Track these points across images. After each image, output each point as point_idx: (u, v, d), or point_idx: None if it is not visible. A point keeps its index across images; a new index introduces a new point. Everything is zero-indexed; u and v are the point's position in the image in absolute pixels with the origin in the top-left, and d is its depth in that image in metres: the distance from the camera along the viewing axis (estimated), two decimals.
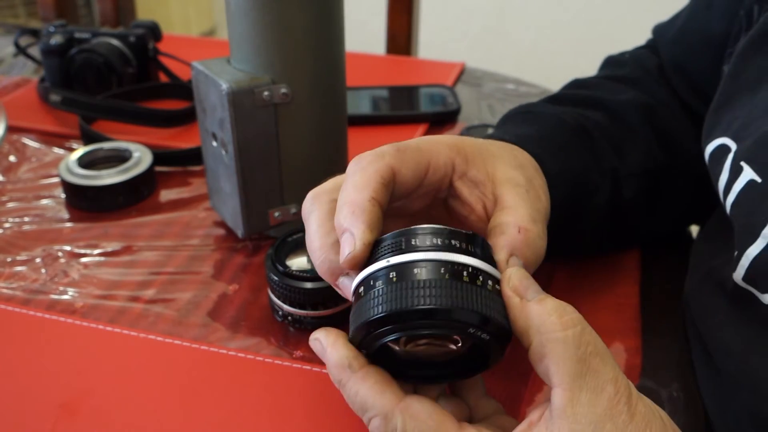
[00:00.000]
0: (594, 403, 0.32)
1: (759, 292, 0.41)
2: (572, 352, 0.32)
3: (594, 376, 0.32)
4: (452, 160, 0.41)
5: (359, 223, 0.36)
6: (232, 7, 0.55)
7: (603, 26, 2.36)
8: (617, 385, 0.32)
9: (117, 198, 0.68)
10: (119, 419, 0.45)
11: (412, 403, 0.34)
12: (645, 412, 0.32)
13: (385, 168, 0.38)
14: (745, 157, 0.43)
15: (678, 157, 0.56)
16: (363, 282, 0.35)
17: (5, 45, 1.08)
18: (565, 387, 0.32)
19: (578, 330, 0.32)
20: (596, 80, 0.62)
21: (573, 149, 0.51)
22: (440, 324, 0.33)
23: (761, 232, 0.40)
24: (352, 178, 0.38)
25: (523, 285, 0.34)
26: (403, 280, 0.33)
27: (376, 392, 0.34)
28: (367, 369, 0.35)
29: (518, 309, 0.33)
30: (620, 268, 0.59)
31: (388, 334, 0.34)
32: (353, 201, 0.37)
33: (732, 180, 0.44)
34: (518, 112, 0.56)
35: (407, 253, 0.34)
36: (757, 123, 0.43)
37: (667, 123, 0.57)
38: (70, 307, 0.56)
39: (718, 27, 0.55)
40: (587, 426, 0.31)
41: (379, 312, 0.33)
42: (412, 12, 1.16)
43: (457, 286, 0.33)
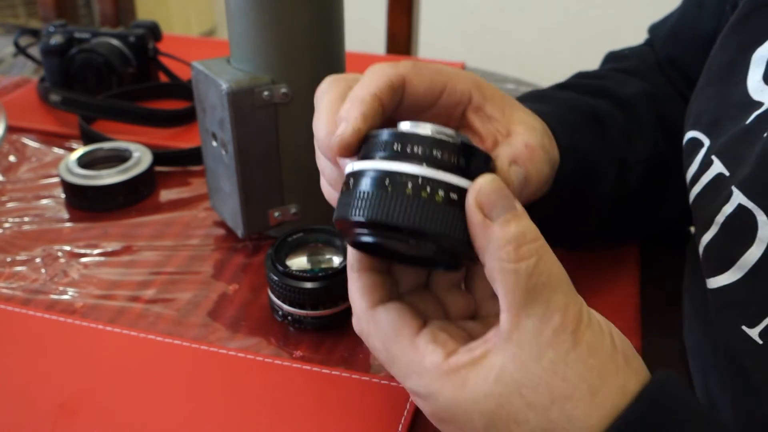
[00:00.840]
0: (538, 331, 0.32)
1: (706, 277, 0.42)
2: (523, 283, 0.32)
3: (542, 305, 0.32)
4: (470, 91, 0.42)
5: (355, 111, 0.37)
6: (232, 7, 0.55)
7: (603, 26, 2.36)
8: (566, 315, 0.33)
9: (117, 198, 0.68)
10: (119, 419, 0.45)
11: (379, 311, 0.37)
12: (591, 341, 0.33)
13: (395, 74, 0.39)
14: (717, 151, 0.44)
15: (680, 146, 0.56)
16: (348, 175, 0.36)
17: (5, 45, 1.08)
18: (512, 313, 0.33)
19: (532, 262, 0.33)
20: (602, 72, 0.63)
21: (584, 132, 0.52)
22: (376, 234, 0.34)
23: (714, 219, 0.41)
24: (363, 78, 0.39)
25: (491, 201, 0.33)
26: (356, 187, 0.35)
27: (358, 295, 0.37)
28: (360, 273, 0.38)
29: (478, 228, 0.33)
30: (620, 268, 0.59)
31: (346, 234, 0.36)
32: (356, 95, 0.38)
33: (701, 172, 0.45)
34: (531, 94, 0.57)
35: (385, 160, 0.35)
36: (729, 119, 0.44)
37: (670, 113, 0.58)
38: (70, 307, 0.56)
39: (709, 24, 0.56)
40: (530, 352, 0.32)
41: (335, 216, 0.36)
42: (412, 12, 1.16)
43: (395, 198, 0.33)
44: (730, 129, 0.44)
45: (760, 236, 0.38)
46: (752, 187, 0.39)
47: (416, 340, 0.35)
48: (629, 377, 0.33)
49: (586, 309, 0.34)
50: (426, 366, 0.34)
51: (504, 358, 0.33)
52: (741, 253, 0.39)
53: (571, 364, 0.32)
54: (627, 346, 0.34)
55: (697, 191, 0.45)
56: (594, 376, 0.32)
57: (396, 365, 0.36)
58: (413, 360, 0.35)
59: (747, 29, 0.46)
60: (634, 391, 0.32)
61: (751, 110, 0.43)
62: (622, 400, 0.32)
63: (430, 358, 0.34)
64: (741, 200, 0.39)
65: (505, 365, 0.33)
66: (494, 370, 0.33)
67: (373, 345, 0.37)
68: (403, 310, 0.37)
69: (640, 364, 0.34)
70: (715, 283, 0.41)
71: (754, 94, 0.43)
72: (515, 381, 0.32)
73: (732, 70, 0.46)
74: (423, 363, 0.34)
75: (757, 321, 0.37)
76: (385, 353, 0.36)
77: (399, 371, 0.35)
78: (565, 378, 0.32)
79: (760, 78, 0.43)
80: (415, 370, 0.35)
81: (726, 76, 0.47)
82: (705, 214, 0.43)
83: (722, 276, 0.40)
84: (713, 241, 0.42)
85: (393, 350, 0.36)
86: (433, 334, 0.36)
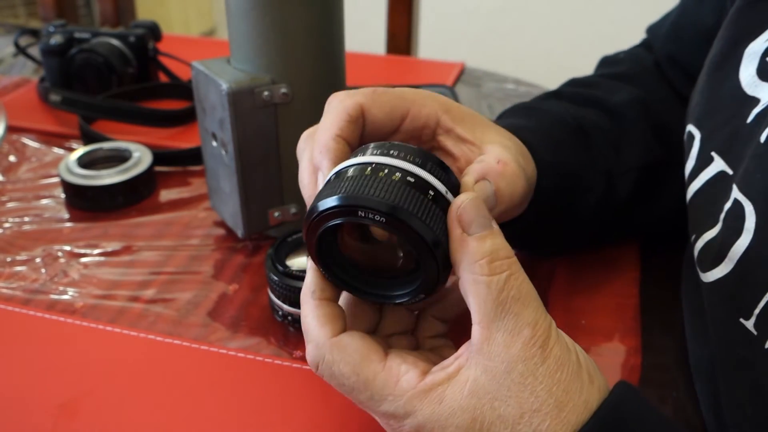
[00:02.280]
0: (509, 344, 0.33)
1: (701, 272, 0.42)
2: (494, 296, 0.33)
3: (513, 319, 0.33)
4: (437, 115, 0.42)
5: (326, 161, 0.38)
6: (232, 8, 0.55)
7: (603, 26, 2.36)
8: (535, 329, 0.34)
9: (117, 198, 0.68)
10: (119, 419, 0.45)
11: (343, 338, 0.37)
12: (559, 356, 0.34)
13: (353, 105, 0.40)
14: (717, 148, 0.44)
15: (675, 150, 0.56)
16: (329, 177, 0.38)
17: (5, 45, 1.08)
18: (483, 326, 0.34)
19: (504, 276, 0.34)
20: (594, 79, 0.63)
21: (569, 145, 0.52)
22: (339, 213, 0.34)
23: (719, 217, 0.41)
24: (324, 119, 0.41)
25: (470, 218, 0.35)
26: (330, 181, 0.36)
27: (319, 323, 0.37)
28: (322, 302, 0.38)
29: (456, 241, 0.34)
30: (620, 268, 0.59)
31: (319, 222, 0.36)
32: (322, 141, 0.39)
33: (700, 168, 0.45)
34: (518, 108, 0.57)
35: (355, 157, 0.36)
36: (723, 113, 0.44)
37: (663, 117, 0.58)
38: (70, 307, 0.56)
39: (710, 20, 0.56)
40: (500, 364, 0.33)
41: (310, 209, 0.36)
42: (412, 12, 1.16)
43: (372, 182, 0.34)
44: (724, 123, 0.44)
45: (747, 227, 0.38)
46: (744, 181, 0.40)
47: (387, 362, 0.36)
48: (592, 394, 0.34)
49: (554, 326, 0.35)
50: (402, 386, 0.35)
51: (476, 370, 0.34)
52: (731, 244, 0.39)
53: (539, 378, 0.33)
54: (591, 363, 0.35)
55: (697, 188, 0.45)
56: (561, 390, 0.33)
57: (369, 389, 0.35)
58: (388, 382, 0.35)
59: (740, 24, 0.46)
60: (595, 408, 0.34)
61: (748, 106, 0.43)
62: (585, 416, 0.33)
63: (406, 378, 0.35)
64: (736, 195, 0.40)
65: (477, 378, 0.34)
66: (468, 383, 0.34)
67: (339, 372, 0.36)
68: (366, 336, 0.37)
69: (602, 381, 0.35)
70: (710, 277, 0.41)
71: (748, 89, 0.44)
72: (487, 393, 0.33)
73: (723, 63, 0.47)
74: (399, 384, 0.35)
75: (750, 312, 0.38)
76: (355, 378, 0.36)
77: (373, 395, 0.35)
78: (533, 392, 0.33)
79: (753, 73, 0.44)
80: (390, 392, 0.35)
81: (717, 70, 0.47)
82: (706, 211, 0.43)
83: (716, 269, 0.41)
84: (714, 238, 0.42)
85: (365, 374, 0.35)
86: (402, 357, 0.36)
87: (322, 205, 0.35)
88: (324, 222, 0.35)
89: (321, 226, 0.35)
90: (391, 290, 0.38)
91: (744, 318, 0.38)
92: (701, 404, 0.47)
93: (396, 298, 0.37)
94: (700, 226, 0.44)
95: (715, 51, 0.48)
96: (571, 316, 0.54)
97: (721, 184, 0.43)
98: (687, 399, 0.48)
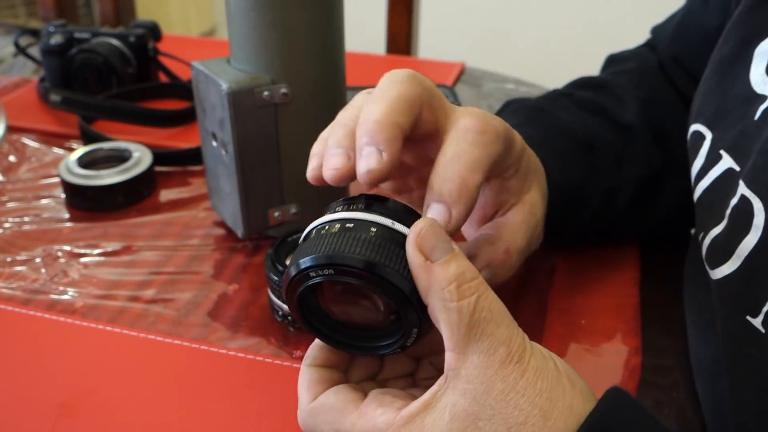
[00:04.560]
0: (485, 365, 0.33)
1: (710, 269, 0.42)
2: (465, 320, 0.33)
3: (486, 340, 0.33)
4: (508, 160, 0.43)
5: (379, 139, 0.36)
6: (232, 8, 0.55)
7: (603, 26, 2.36)
8: (510, 347, 0.33)
9: (117, 198, 0.68)
10: (119, 419, 0.45)
11: (320, 399, 0.37)
12: (537, 366, 0.34)
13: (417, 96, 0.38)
14: (726, 146, 0.44)
15: (674, 154, 0.57)
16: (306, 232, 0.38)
17: (5, 45, 1.08)
18: (458, 351, 0.33)
19: (473, 299, 0.33)
20: (603, 79, 0.63)
21: (575, 162, 0.53)
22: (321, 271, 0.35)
23: (725, 213, 0.42)
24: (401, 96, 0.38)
25: (430, 244, 0.34)
26: (309, 237, 0.37)
27: (302, 389, 0.38)
28: (309, 368, 0.39)
29: (420, 269, 0.34)
30: (620, 268, 0.59)
31: (299, 281, 0.36)
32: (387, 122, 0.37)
33: (708, 166, 0.45)
34: (529, 106, 0.56)
35: (340, 212, 0.37)
36: (734, 114, 0.45)
37: (664, 121, 0.58)
38: (70, 307, 0.56)
39: (715, 21, 0.56)
40: (479, 385, 0.33)
41: (289, 269, 0.36)
42: (412, 12, 1.16)
43: (343, 238, 0.34)
44: (735, 122, 0.44)
45: (755, 223, 0.38)
46: (752, 177, 0.40)
47: (363, 409, 0.36)
48: (575, 397, 0.34)
49: (527, 339, 0.35)
50: (380, 426, 0.35)
51: (454, 395, 0.34)
52: (739, 241, 0.39)
53: (521, 392, 0.33)
54: (569, 369, 0.35)
55: (705, 186, 0.45)
56: (544, 399, 0.33)
57: None
58: (366, 428, 0.35)
59: (749, 23, 0.46)
60: (581, 411, 0.34)
61: (756, 104, 0.43)
62: (572, 419, 0.33)
63: (382, 418, 0.35)
64: (743, 191, 0.40)
65: (457, 402, 0.33)
66: (448, 408, 0.34)
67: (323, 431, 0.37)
68: (340, 388, 0.37)
69: (583, 385, 0.35)
70: (718, 274, 0.41)
71: (757, 87, 0.44)
72: (470, 415, 0.33)
73: (734, 64, 0.47)
74: (377, 426, 0.35)
75: (758, 310, 0.38)
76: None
77: None
78: (517, 406, 0.33)
79: (763, 71, 0.44)
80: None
81: (728, 70, 0.47)
82: (714, 208, 0.43)
83: (724, 266, 0.41)
84: (721, 234, 0.42)
85: (344, 427, 0.36)
86: (378, 399, 0.36)
87: (302, 264, 0.35)
88: (303, 281, 0.36)
89: (300, 285, 0.36)
90: (374, 342, 0.38)
91: (751, 316, 0.38)
92: (702, 404, 0.47)
93: (380, 349, 0.38)
94: (707, 223, 0.44)
95: (723, 52, 0.48)
96: (571, 316, 0.54)
97: (728, 180, 0.43)
98: (687, 399, 0.48)
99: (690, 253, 0.54)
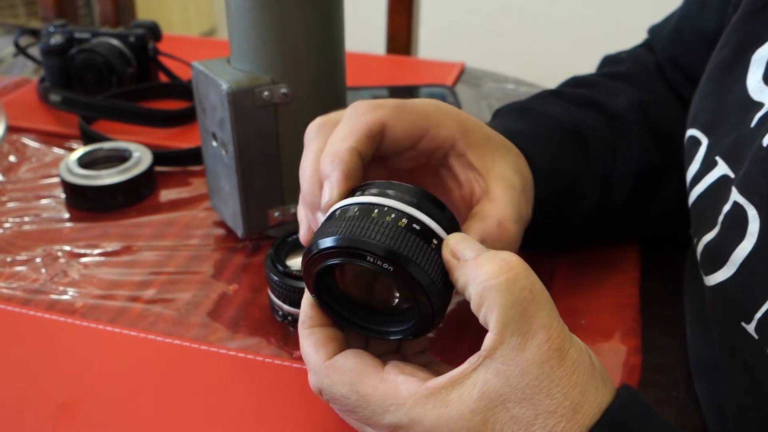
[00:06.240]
0: (523, 348, 0.33)
1: (704, 275, 0.42)
2: (506, 297, 0.33)
3: (526, 321, 0.33)
4: (454, 138, 0.42)
5: (336, 172, 0.38)
6: (232, 7, 0.55)
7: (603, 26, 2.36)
8: (550, 332, 0.33)
9: (117, 198, 0.68)
10: (119, 419, 0.45)
11: (337, 360, 0.37)
12: (575, 358, 0.33)
13: (375, 121, 0.40)
14: (722, 153, 0.44)
15: (675, 153, 0.56)
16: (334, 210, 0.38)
17: (5, 45, 1.08)
18: (497, 331, 0.33)
19: (512, 275, 0.33)
20: (595, 78, 0.63)
21: (565, 150, 0.52)
22: (338, 253, 0.35)
23: (717, 219, 0.42)
24: (342, 125, 0.40)
25: (461, 247, 0.35)
26: (333, 218, 0.37)
27: (312, 350, 0.37)
28: (314, 329, 0.38)
29: (456, 268, 0.34)
30: (620, 269, 0.59)
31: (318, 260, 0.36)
32: (336, 151, 0.39)
33: (703, 172, 0.45)
34: (515, 108, 0.57)
35: (363, 196, 0.37)
36: (730, 120, 0.45)
37: (662, 120, 0.58)
38: (70, 307, 0.56)
39: (712, 23, 0.56)
40: (514, 368, 0.33)
41: (312, 243, 0.36)
42: (412, 12, 1.16)
43: (371, 224, 0.35)
44: (731, 129, 0.44)
45: (750, 231, 0.38)
46: (745, 184, 0.40)
47: (385, 375, 0.35)
48: (605, 396, 0.34)
49: (567, 329, 0.34)
50: (403, 394, 0.34)
51: (487, 373, 0.33)
52: (733, 248, 0.39)
53: (556, 381, 0.33)
54: (602, 367, 0.35)
55: (699, 192, 0.45)
56: (577, 393, 0.33)
57: (370, 405, 0.35)
58: (387, 393, 0.35)
59: (747, 29, 0.46)
60: (602, 410, 0.33)
61: (753, 111, 0.43)
62: (599, 418, 0.33)
63: (406, 386, 0.34)
64: (736, 197, 0.40)
65: (488, 380, 0.33)
66: (478, 385, 0.33)
67: (339, 393, 0.36)
68: (361, 353, 0.37)
69: (612, 385, 0.35)
70: (712, 281, 0.41)
71: (754, 94, 0.44)
72: (500, 395, 0.33)
73: (731, 70, 0.46)
74: (399, 393, 0.34)
75: (751, 316, 0.38)
76: (355, 397, 0.35)
77: (374, 409, 0.35)
78: (549, 394, 0.33)
79: (760, 78, 0.44)
80: (392, 402, 0.34)
81: (724, 76, 0.47)
82: (707, 214, 0.43)
83: (719, 273, 0.41)
84: (713, 240, 0.42)
85: (363, 390, 0.35)
86: (399, 368, 0.36)
87: (322, 244, 0.35)
88: (322, 260, 0.36)
89: (319, 263, 0.36)
90: (385, 326, 0.38)
91: (745, 322, 0.38)
92: (702, 404, 0.47)
93: (390, 334, 0.38)
94: (700, 229, 0.44)
95: (720, 57, 0.48)
96: (571, 316, 0.54)
97: (722, 187, 0.43)
98: (688, 399, 0.48)
99: (690, 253, 0.54)
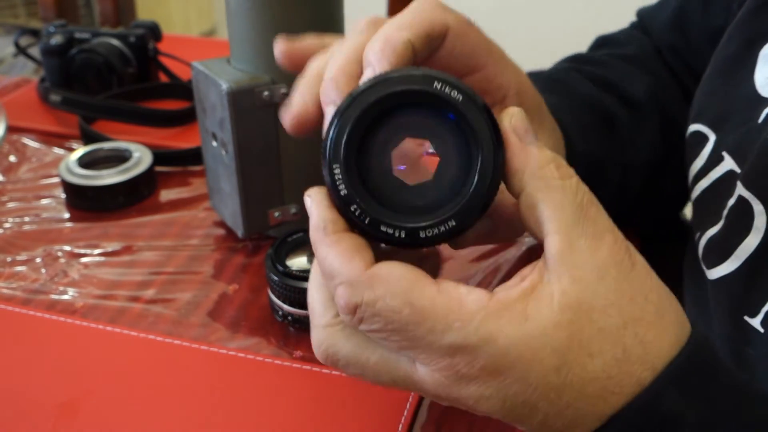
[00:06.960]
0: (595, 249, 0.30)
1: (706, 268, 0.42)
2: (571, 199, 0.30)
3: (592, 223, 0.30)
4: (507, 91, 0.40)
5: (385, 62, 0.34)
6: (232, 7, 0.55)
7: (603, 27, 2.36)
8: (615, 235, 0.31)
9: (117, 198, 0.68)
10: (119, 419, 0.45)
11: (381, 268, 0.30)
12: (644, 263, 0.31)
13: (441, 22, 0.36)
14: (729, 149, 0.44)
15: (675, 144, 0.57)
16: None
17: (5, 45, 1.08)
18: (562, 233, 0.30)
19: (575, 180, 0.31)
20: (603, 57, 0.62)
21: (597, 134, 0.52)
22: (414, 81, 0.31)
23: (723, 213, 0.41)
24: (403, 14, 0.36)
25: (524, 126, 0.31)
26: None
27: (345, 259, 0.31)
28: (341, 235, 0.31)
29: (517, 147, 0.31)
30: None
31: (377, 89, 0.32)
32: (389, 37, 0.34)
33: (709, 167, 0.45)
34: (545, 77, 0.56)
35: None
36: (737, 116, 0.45)
37: (670, 105, 0.58)
38: (70, 307, 0.56)
39: (717, 20, 0.56)
40: (590, 272, 0.29)
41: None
42: None
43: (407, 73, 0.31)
44: (738, 125, 0.44)
45: (756, 225, 0.38)
46: (750, 178, 0.40)
47: (442, 285, 0.30)
48: (679, 309, 0.31)
49: None
50: (470, 308, 0.29)
51: (562, 282, 0.29)
52: (739, 242, 0.39)
53: (633, 283, 0.30)
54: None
55: (705, 186, 0.45)
56: (656, 296, 0.30)
57: (426, 320, 0.29)
58: (449, 307, 0.29)
59: (754, 25, 0.46)
60: (684, 321, 0.31)
61: (760, 107, 0.43)
62: (682, 333, 0.30)
63: (472, 298, 0.29)
64: (741, 192, 0.40)
65: (566, 289, 0.29)
66: (556, 296, 0.29)
67: (387, 307, 0.29)
68: (405, 264, 0.31)
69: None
70: (715, 274, 0.41)
71: (762, 90, 0.44)
72: (582, 304, 0.29)
73: (738, 66, 0.47)
74: (464, 306, 0.29)
75: (757, 310, 0.38)
76: (408, 311, 0.29)
77: (432, 326, 0.29)
78: (632, 298, 0.29)
79: (767, 74, 0.44)
80: (456, 317, 0.29)
81: (731, 72, 0.47)
82: (712, 208, 0.43)
83: (722, 266, 0.41)
84: (717, 234, 0.42)
85: (420, 303, 0.29)
86: (455, 282, 0.31)
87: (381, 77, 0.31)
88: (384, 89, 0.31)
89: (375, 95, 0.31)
90: (419, 219, 0.31)
91: (749, 316, 0.38)
92: None
93: (425, 230, 0.31)
94: (704, 223, 0.44)
95: (726, 52, 0.48)
96: None
97: (728, 181, 0.43)
98: None
99: (688, 250, 0.54)
